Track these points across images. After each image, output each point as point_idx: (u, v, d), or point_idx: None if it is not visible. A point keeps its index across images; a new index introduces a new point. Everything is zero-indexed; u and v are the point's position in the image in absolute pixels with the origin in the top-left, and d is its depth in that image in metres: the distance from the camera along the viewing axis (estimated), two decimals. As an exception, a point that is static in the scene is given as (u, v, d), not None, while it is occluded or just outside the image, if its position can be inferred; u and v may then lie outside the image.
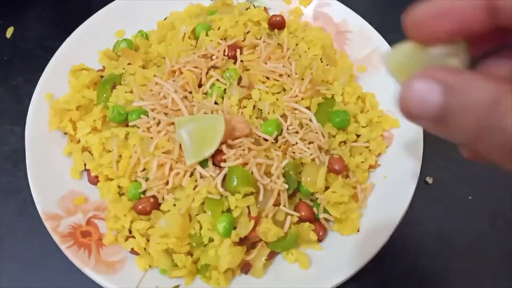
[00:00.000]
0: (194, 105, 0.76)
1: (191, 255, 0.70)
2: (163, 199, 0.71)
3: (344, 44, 0.93)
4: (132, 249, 0.71)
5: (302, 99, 0.78)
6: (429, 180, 0.83)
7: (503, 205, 0.81)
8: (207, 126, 0.71)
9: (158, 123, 0.74)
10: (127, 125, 0.77)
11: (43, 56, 0.89)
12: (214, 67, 0.81)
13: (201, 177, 0.70)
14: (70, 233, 0.72)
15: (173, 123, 0.72)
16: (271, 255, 0.71)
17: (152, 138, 0.73)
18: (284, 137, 0.75)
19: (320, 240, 0.73)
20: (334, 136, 0.78)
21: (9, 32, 0.99)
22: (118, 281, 0.69)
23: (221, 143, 0.70)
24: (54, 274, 0.75)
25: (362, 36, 0.92)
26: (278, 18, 0.90)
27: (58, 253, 0.71)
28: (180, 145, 0.71)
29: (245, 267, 0.70)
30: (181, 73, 0.80)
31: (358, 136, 0.80)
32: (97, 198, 0.77)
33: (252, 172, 0.69)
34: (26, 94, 0.83)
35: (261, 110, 0.78)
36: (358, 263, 0.69)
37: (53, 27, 1.02)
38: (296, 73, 0.80)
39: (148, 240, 0.71)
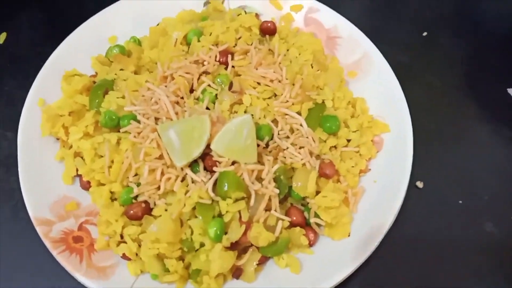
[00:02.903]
0: (185, 110, 0.76)
1: (183, 260, 0.70)
2: (154, 204, 0.71)
3: (335, 49, 0.94)
4: (124, 254, 0.71)
5: (293, 104, 0.79)
6: (420, 184, 0.84)
7: (493, 209, 0.82)
8: (193, 127, 0.71)
9: (150, 129, 0.74)
10: (119, 130, 0.77)
11: (36, 62, 0.90)
12: (206, 72, 0.81)
13: (192, 182, 0.71)
14: (62, 239, 0.72)
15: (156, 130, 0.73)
16: (262, 260, 0.72)
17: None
18: (275, 142, 0.76)
19: (311, 244, 0.73)
20: (324, 141, 0.79)
21: (2, 37, 0.99)
22: (109, 286, 0.69)
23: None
24: (46, 278, 0.75)
25: (352, 41, 0.93)
26: (269, 24, 0.91)
27: (50, 257, 0.71)
28: (167, 149, 0.71)
29: (236, 272, 0.70)
30: (173, 78, 0.81)
31: (348, 141, 0.81)
32: (89, 203, 0.77)
33: (243, 178, 0.70)
34: (19, 99, 0.84)
35: (252, 115, 0.78)
36: (349, 267, 0.69)
37: (46, 32, 1.03)
38: (287, 79, 0.81)
39: (139, 245, 0.71)
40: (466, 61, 1.01)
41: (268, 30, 0.91)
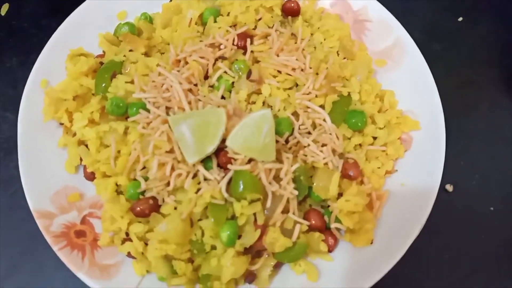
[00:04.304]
0: (199, 99, 0.70)
1: (192, 262, 0.66)
2: (163, 201, 0.66)
3: (363, 34, 0.86)
4: (129, 252, 0.66)
5: (316, 96, 0.72)
6: (449, 188, 0.78)
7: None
8: (207, 121, 0.65)
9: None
10: (127, 118, 0.71)
11: (39, 36, 0.84)
12: (222, 57, 0.75)
13: (204, 180, 0.65)
14: (63, 233, 0.68)
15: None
16: (278, 265, 0.67)
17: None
18: (296, 138, 0.69)
19: (330, 250, 0.68)
20: (349, 139, 0.72)
21: (4, 9, 0.92)
22: (113, 286, 0.64)
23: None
24: (46, 271, 0.71)
25: (382, 26, 0.85)
26: (292, 4, 0.83)
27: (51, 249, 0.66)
28: (178, 144, 0.65)
29: (250, 277, 0.66)
30: (187, 63, 0.74)
31: (374, 138, 0.74)
32: (94, 194, 0.72)
33: (259, 177, 0.64)
34: (21, 78, 0.78)
35: (271, 106, 0.72)
36: (371, 279, 0.64)
37: (51, 5, 0.95)
38: (310, 68, 0.74)
39: (146, 244, 0.66)
40: (506, 51, 0.92)
41: (291, 11, 0.83)
